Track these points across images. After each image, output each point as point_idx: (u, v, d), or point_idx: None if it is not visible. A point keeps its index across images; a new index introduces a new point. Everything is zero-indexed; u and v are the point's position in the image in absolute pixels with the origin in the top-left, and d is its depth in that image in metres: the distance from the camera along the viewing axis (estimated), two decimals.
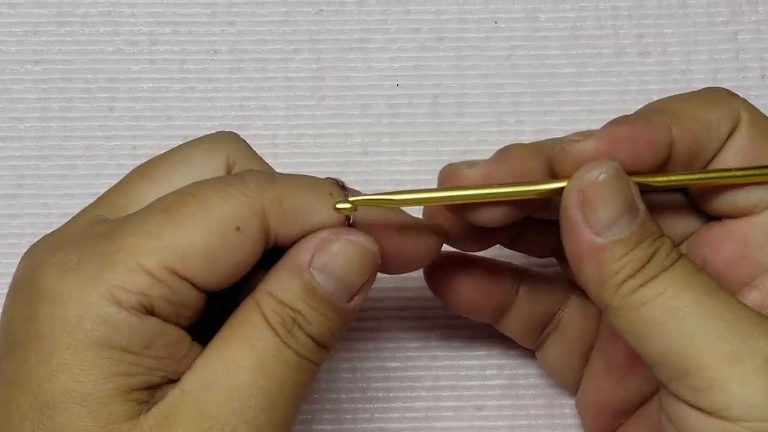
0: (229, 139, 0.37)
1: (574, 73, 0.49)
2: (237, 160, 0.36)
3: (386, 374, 0.46)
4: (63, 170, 0.47)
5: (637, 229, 0.33)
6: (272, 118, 0.48)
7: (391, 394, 0.46)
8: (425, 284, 0.41)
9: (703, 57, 0.49)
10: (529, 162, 0.36)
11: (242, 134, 0.47)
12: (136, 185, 0.36)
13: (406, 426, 0.46)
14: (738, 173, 0.36)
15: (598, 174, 0.34)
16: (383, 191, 0.47)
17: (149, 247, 0.32)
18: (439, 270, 0.41)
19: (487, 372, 0.46)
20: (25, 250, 0.35)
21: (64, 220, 0.36)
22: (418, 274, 0.45)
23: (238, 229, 0.33)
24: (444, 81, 0.48)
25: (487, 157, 0.37)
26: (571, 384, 0.43)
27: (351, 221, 0.35)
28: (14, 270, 0.35)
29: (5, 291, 0.34)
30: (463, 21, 0.49)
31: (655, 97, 0.48)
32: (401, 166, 0.48)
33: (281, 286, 0.34)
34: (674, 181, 0.36)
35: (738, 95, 0.38)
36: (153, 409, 0.32)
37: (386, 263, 0.36)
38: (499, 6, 0.49)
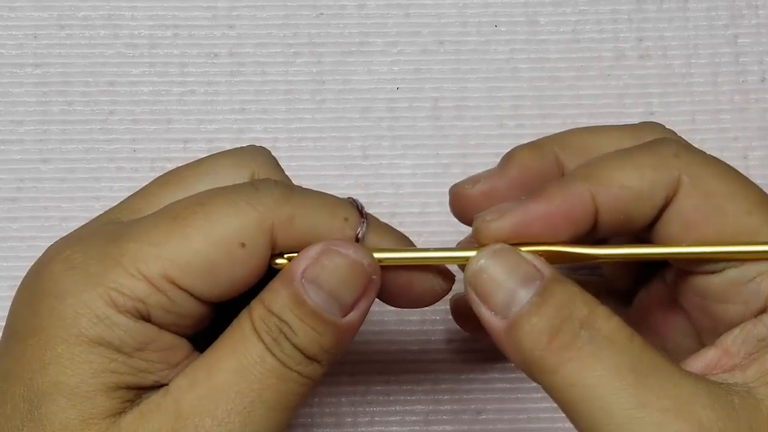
0: (256, 153, 0.37)
1: (575, 76, 0.49)
2: (262, 176, 0.36)
3: (386, 377, 0.46)
4: (63, 173, 0.47)
5: (537, 299, 0.33)
6: (272, 122, 0.48)
7: (391, 398, 0.46)
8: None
9: (703, 60, 0.49)
10: (531, 165, 0.36)
11: (242, 138, 0.47)
12: (157, 191, 0.36)
13: (405, 429, 0.46)
14: (674, 250, 0.34)
15: (477, 263, 0.34)
16: (383, 194, 0.47)
17: (151, 254, 0.32)
18: (462, 304, 0.41)
19: (488, 375, 0.46)
20: (25, 254, 0.35)
21: (65, 224, 0.36)
22: None
23: (243, 245, 0.33)
24: (444, 84, 0.48)
25: (487, 161, 0.37)
26: None
27: (359, 241, 0.35)
28: (15, 273, 0.35)
29: (6, 294, 0.34)
30: (464, 24, 0.49)
31: (655, 101, 0.48)
32: (401, 169, 0.48)
33: (272, 295, 0.33)
34: (603, 255, 0.35)
35: (684, 147, 0.35)
36: (134, 408, 0.32)
37: (391, 295, 0.36)
38: (500, 9, 0.49)
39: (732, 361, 0.33)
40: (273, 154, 0.37)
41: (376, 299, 0.35)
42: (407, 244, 0.36)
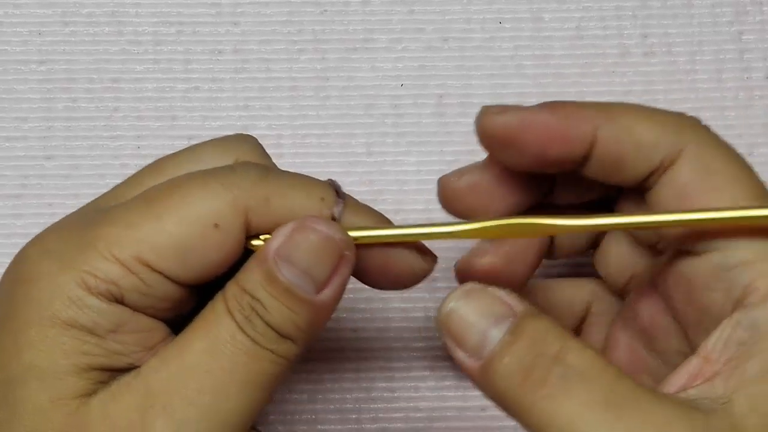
0: (242, 140, 0.37)
1: (579, 73, 0.49)
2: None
3: (390, 374, 0.46)
4: (67, 170, 0.47)
5: (509, 337, 0.32)
6: (276, 119, 0.48)
7: (395, 394, 0.46)
8: (429, 285, 0.41)
9: (707, 57, 0.49)
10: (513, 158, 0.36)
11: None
12: (141, 179, 0.36)
13: (410, 426, 0.46)
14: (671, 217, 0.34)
15: (448, 305, 0.34)
16: (388, 191, 0.47)
17: (125, 237, 0.33)
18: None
19: None
20: None
21: None
22: None
23: (216, 226, 0.33)
24: (448, 81, 0.48)
25: None
26: None
27: (336, 220, 0.35)
28: None
29: None
30: (468, 21, 0.49)
31: (660, 98, 0.48)
32: (405, 166, 0.48)
33: (246, 274, 0.33)
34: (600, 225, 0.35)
35: (705, 127, 0.35)
36: (106, 388, 0.33)
37: (370, 276, 0.36)
38: (504, 6, 0.49)
39: (713, 368, 0.33)
40: (277, 150, 0.37)
41: (360, 282, 0.36)
42: (386, 224, 0.36)
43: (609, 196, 0.38)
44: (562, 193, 0.38)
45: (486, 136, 0.35)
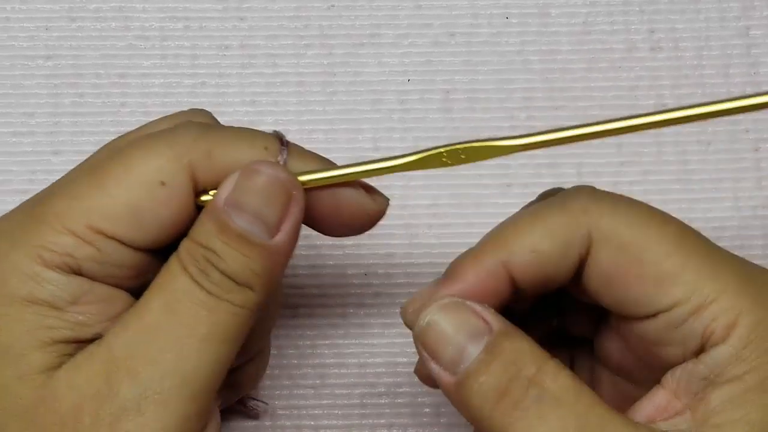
0: (195, 114, 0.37)
1: (586, 68, 0.49)
2: None
3: (396, 370, 0.46)
4: (74, 165, 0.47)
5: (485, 356, 0.32)
6: (283, 114, 0.48)
7: (401, 390, 0.46)
8: (435, 279, 0.41)
9: (714, 52, 0.49)
10: (474, 280, 0.34)
11: None
12: (93, 157, 0.36)
13: (415, 422, 0.46)
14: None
15: (425, 318, 0.33)
16: (394, 186, 0.47)
17: (74, 207, 0.33)
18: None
19: None
20: None
21: None
22: (431, 269, 0.46)
23: (163, 183, 0.33)
24: (455, 76, 0.48)
25: None
26: None
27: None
28: None
29: None
30: (475, 16, 0.49)
31: (667, 93, 0.48)
32: None
33: (197, 227, 0.34)
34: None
35: (593, 198, 0.34)
36: (70, 360, 0.33)
37: (322, 221, 0.36)
38: (511, 1, 0.49)
39: (680, 403, 0.33)
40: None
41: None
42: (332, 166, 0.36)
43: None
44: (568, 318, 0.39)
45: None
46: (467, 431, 0.45)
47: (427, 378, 0.37)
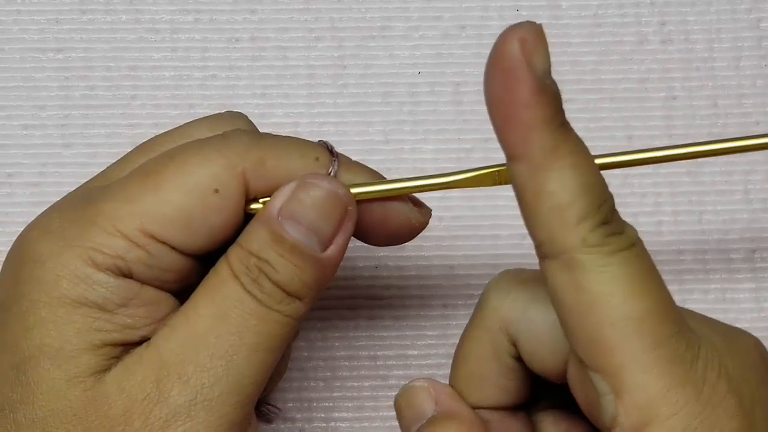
0: (233, 117, 0.38)
1: (596, 60, 0.48)
2: None
3: (406, 362, 0.46)
4: (85, 158, 0.47)
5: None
6: (294, 106, 0.48)
7: None
8: (447, 273, 0.41)
9: (725, 45, 0.49)
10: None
11: (264, 122, 0.47)
12: (133, 158, 0.36)
13: None
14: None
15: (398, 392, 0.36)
16: (404, 178, 0.47)
17: (127, 211, 0.33)
18: None
19: None
20: None
21: None
22: (441, 261, 0.46)
23: (216, 191, 0.33)
24: (466, 69, 0.48)
25: None
26: None
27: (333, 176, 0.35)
28: None
29: None
30: (485, 9, 0.49)
31: (677, 86, 0.48)
32: (423, 154, 0.48)
33: (250, 236, 0.34)
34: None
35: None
36: (119, 363, 0.33)
37: (369, 232, 0.36)
38: None
39: None
40: None
41: (357, 241, 0.36)
42: (381, 179, 0.36)
43: None
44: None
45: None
46: None
47: None
